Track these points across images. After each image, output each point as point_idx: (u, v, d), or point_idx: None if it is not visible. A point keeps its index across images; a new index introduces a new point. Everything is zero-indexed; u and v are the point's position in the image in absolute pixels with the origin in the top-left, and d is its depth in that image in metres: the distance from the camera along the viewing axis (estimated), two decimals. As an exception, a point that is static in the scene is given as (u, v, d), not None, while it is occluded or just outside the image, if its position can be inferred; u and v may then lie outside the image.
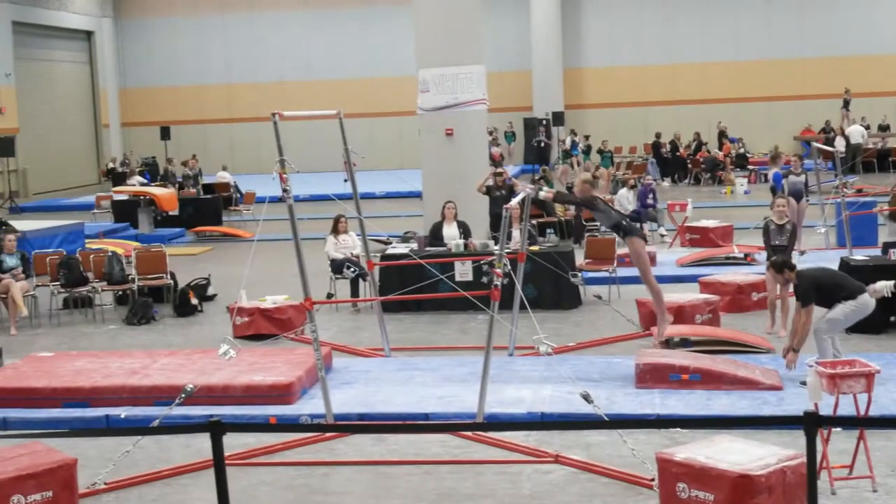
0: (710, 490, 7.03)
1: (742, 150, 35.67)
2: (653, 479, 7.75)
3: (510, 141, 41.19)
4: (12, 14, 37.16)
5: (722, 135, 37.08)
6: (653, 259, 17.31)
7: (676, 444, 8.13)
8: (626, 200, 21.28)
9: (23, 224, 20.03)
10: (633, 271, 16.43)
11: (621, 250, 16.72)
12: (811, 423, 5.23)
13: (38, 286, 15.57)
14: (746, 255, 17.39)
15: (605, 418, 8.71)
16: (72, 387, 10.47)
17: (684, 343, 11.87)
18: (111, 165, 39.14)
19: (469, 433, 9.27)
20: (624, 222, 10.73)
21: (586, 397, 8.65)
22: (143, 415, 9.88)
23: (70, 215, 27.16)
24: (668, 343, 11.85)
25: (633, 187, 21.84)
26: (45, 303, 15.64)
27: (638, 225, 20.70)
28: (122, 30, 44.52)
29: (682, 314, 12.74)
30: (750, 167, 33.92)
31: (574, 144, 37.22)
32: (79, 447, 8.83)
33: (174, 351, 12.14)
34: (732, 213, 23.89)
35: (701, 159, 34.11)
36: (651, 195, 21.46)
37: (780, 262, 10.46)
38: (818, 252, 17.50)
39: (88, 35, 43.17)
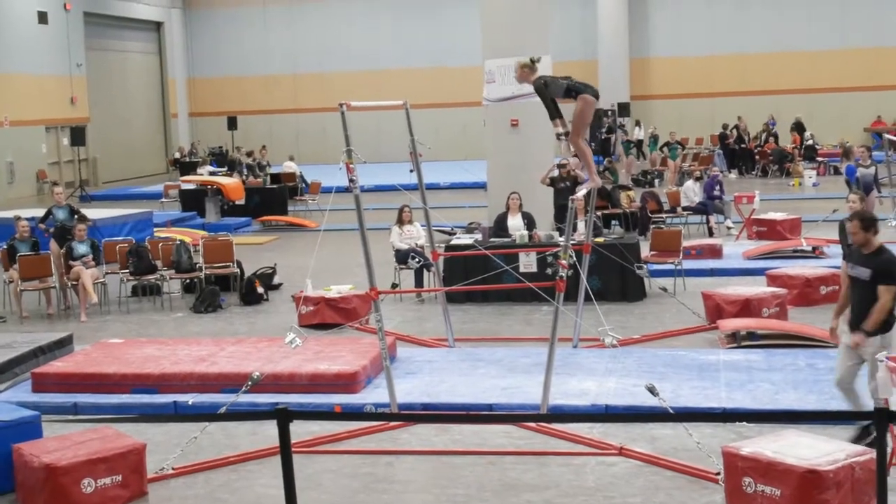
0: (776, 485, 6.95)
1: (811, 142, 35.16)
2: (718, 473, 7.68)
3: None
4: (84, 5, 37.74)
5: (798, 127, 36.44)
6: (719, 251, 17.20)
7: (742, 438, 8.05)
8: (692, 192, 21.10)
9: (93, 212, 20.33)
10: (699, 263, 16.40)
11: (687, 242, 16.60)
12: (882, 419, 5.16)
13: (107, 274, 15.80)
14: (815, 249, 17.15)
15: (671, 411, 8.66)
16: (141, 373, 10.62)
17: (751, 336, 11.75)
18: (179, 155, 39.61)
19: (533, 424, 9.26)
20: (571, 83, 10.37)
21: (652, 390, 8.60)
22: (211, 401, 9.99)
23: (138, 204, 27.56)
24: (734, 337, 11.74)
25: (699, 179, 21.65)
26: (115, 290, 15.88)
27: (704, 217, 20.61)
28: (190, 20, 45.01)
29: (749, 307, 12.61)
30: (819, 159, 33.47)
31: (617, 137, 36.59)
32: (147, 432, 8.96)
33: (241, 339, 12.27)
34: (801, 206, 23.58)
35: (769, 151, 33.69)
36: (718, 187, 21.24)
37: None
38: (890, 245, 17.19)
39: (158, 26, 43.71)
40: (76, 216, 16.16)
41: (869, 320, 8.09)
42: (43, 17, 35.40)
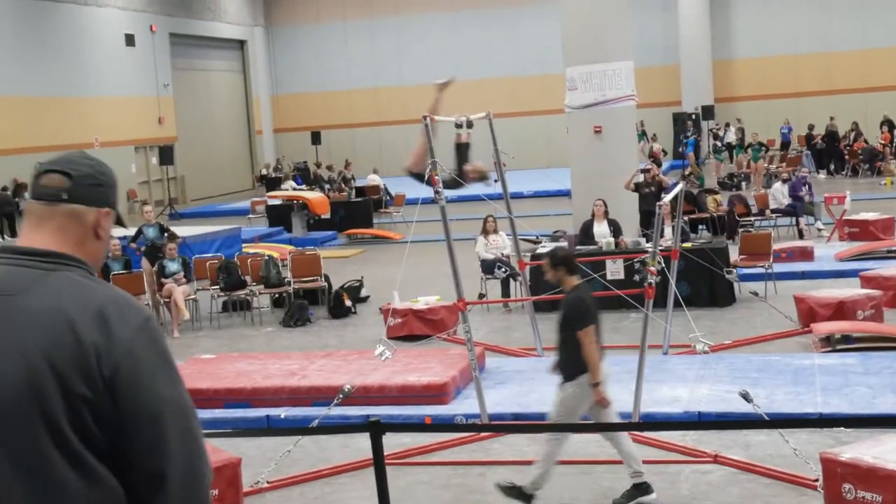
0: (878, 491, 6.81)
1: (902, 140, 34.45)
2: (817, 480, 7.54)
3: (641, 139, 40.56)
4: (170, 27, 38.46)
5: (889, 124, 35.72)
6: (811, 254, 16.91)
7: (840, 444, 7.90)
8: (780, 194, 20.79)
9: (182, 230, 20.63)
10: (789, 266, 16.14)
11: (777, 245, 16.36)
12: None
13: (198, 290, 16.04)
14: (910, 248, 16.80)
15: (766, 417, 8.52)
16: (233, 388, 10.75)
17: (846, 340, 11.52)
18: (264, 171, 40.10)
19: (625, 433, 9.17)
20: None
21: (745, 396, 8.46)
22: (303, 415, 10.07)
23: (226, 220, 27.94)
24: (828, 341, 11.54)
25: (786, 181, 21.31)
26: (206, 306, 16.11)
27: (794, 219, 20.27)
28: (273, 37, 45.61)
29: (843, 310, 12.38)
30: (911, 156, 32.78)
31: (693, 142, 36.08)
32: (241, 446, 9.07)
33: (330, 352, 12.36)
34: (893, 205, 23.07)
35: (859, 150, 33.04)
36: (806, 188, 20.90)
37: None
38: None
39: (241, 44, 44.36)
40: (166, 234, 16.44)
41: None
42: (130, 40, 36.15)
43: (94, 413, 2.36)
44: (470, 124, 10.47)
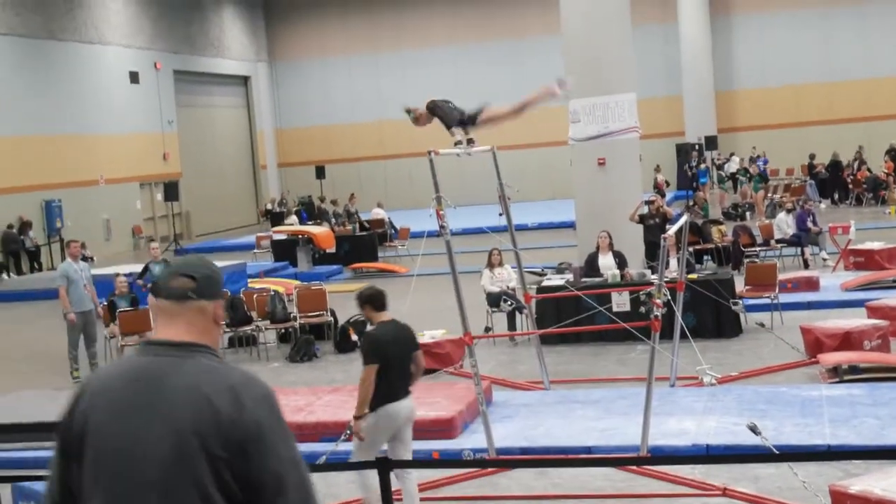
0: (888, 524, 6.78)
1: (906, 168, 34.45)
2: (826, 513, 7.50)
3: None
4: (174, 63, 38.69)
5: (892, 153, 35.71)
6: (816, 284, 16.90)
7: (850, 476, 7.86)
8: (784, 224, 20.81)
9: (188, 266, 20.65)
10: (795, 297, 16.11)
11: (782, 276, 16.35)
12: None
13: (204, 326, 16.00)
14: (915, 278, 16.78)
15: (774, 450, 8.49)
16: (240, 424, 10.70)
17: (853, 370, 11.50)
18: (269, 206, 40.19)
19: (633, 467, 9.14)
20: (465, 115, 10.51)
21: (753, 428, 8.44)
22: (310, 451, 10.00)
23: (231, 255, 27.98)
24: (835, 371, 11.51)
25: (790, 211, 21.32)
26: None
27: (799, 249, 20.27)
28: (276, 72, 45.82)
29: (849, 340, 12.34)
30: (915, 185, 32.78)
31: (704, 172, 36.34)
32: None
33: (337, 387, 12.34)
34: (898, 234, 23.09)
35: (862, 179, 33.06)
36: (811, 218, 20.91)
37: None
38: None
39: (245, 80, 44.59)
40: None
41: None
42: (135, 77, 36.36)
43: (231, 472, 2.85)
44: (471, 141, 10.52)
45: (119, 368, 3.09)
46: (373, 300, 8.24)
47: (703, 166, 36.49)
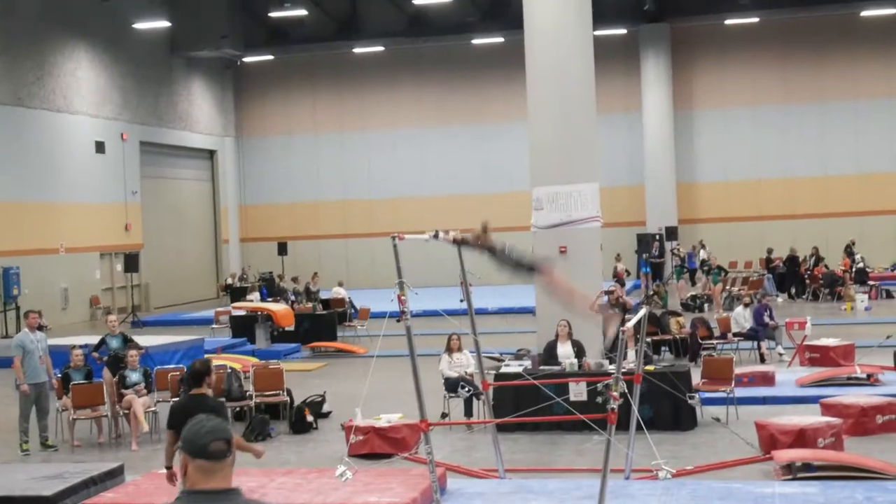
0: None
1: (861, 265, 34.91)
2: None
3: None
4: (141, 135, 38.76)
5: (848, 250, 36.21)
6: (772, 379, 17.00)
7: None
8: (742, 318, 20.97)
9: (145, 339, 20.53)
10: (751, 391, 16.21)
11: (738, 370, 16.44)
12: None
13: (159, 402, 15.87)
14: (869, 376, 16.87)
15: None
16: (191, 505, 10.56)
17: (807, 468, 11.54)
18: (230, 280, 40.05)
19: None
20: (525, 261, 10.61)
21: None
22: (260, 534, 9.91)
23: (189, 330, 27.80)
24: (789, 469, 11.55)
25: (748, 305, 21.49)
26: (166, 419, 15.89)
27: (755, 343, 20.41)
28: (242, 148, 45.97)
29: (803, 437, 12.41)
30: (871, 282, 33.18)
31: (689, 257, 36.93)
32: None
33: (290, 469, 12.24)
34: (854, 331, 23.32)
35: (819, 275, 33.45)
36: (768, 312, 21.10)
37: None
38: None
39: (211, 154, 44.70)
40: (127, 343, 16.33)
41: None
42: (100, 147, 36.35)
43: None
44: (436, 236, 10.63)
45: None
46: (194, 376, 8.75)
47: (649, 257, 36.90)
